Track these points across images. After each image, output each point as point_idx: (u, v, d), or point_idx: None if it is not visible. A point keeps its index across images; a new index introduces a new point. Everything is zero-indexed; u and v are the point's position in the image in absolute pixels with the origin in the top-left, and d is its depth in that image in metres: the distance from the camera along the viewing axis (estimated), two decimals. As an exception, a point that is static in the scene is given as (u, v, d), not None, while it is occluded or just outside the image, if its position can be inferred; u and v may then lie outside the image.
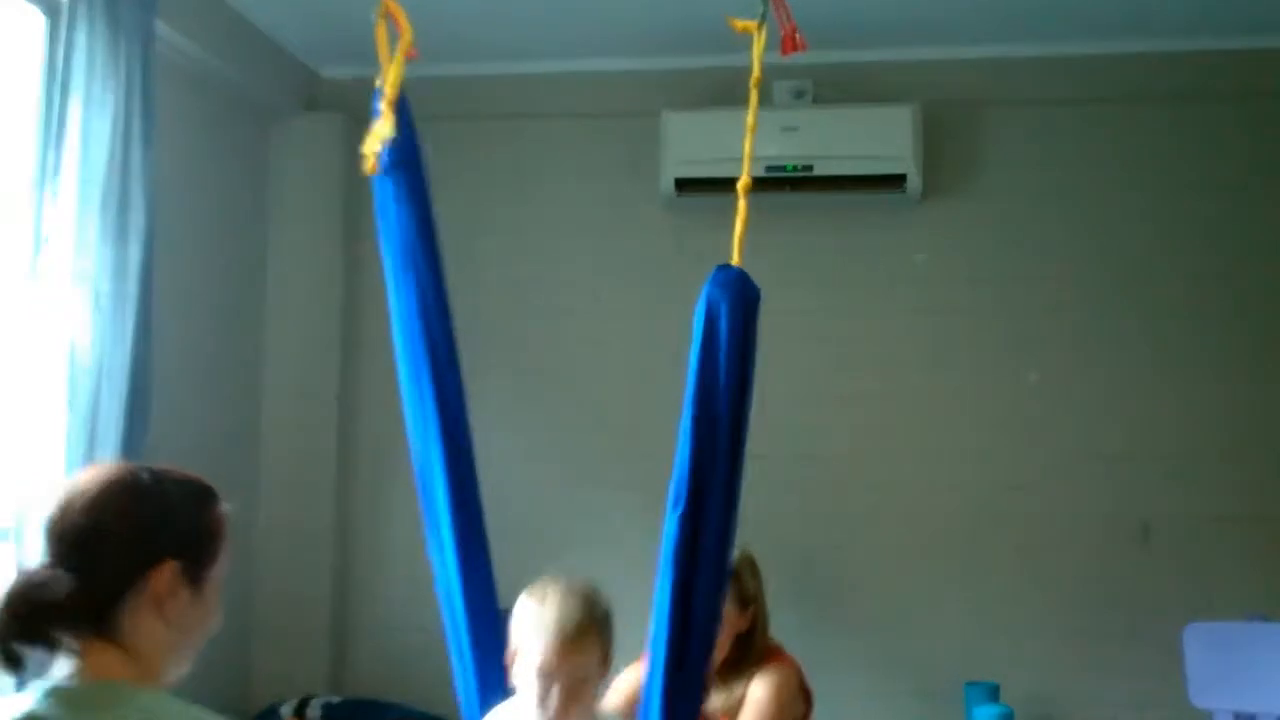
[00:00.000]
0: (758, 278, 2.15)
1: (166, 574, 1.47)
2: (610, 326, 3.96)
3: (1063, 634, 3.69)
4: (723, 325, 2.02)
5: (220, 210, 3.74)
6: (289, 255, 4.00)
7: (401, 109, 2.08)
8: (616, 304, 3.97)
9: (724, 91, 3.69)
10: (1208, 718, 2.96)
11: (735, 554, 2.64)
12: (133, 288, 2.80)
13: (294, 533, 3.90)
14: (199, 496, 1.58)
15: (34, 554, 1.49)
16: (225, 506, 1.60)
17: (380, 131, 2.01)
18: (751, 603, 2.75)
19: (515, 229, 3.98)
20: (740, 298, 2.03)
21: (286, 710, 3.60)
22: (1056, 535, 3.73)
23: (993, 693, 3.45)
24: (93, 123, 2.72)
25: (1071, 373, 3.79)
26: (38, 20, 2.87)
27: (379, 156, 2.07)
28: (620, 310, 3.96)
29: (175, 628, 1.49)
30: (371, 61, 2.15)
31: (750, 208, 2.14)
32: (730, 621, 2.65)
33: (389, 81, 2.01)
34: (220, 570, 1.57)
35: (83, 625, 1.42)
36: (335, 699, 3.67)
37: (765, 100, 3.76)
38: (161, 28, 3.04)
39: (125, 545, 1.47)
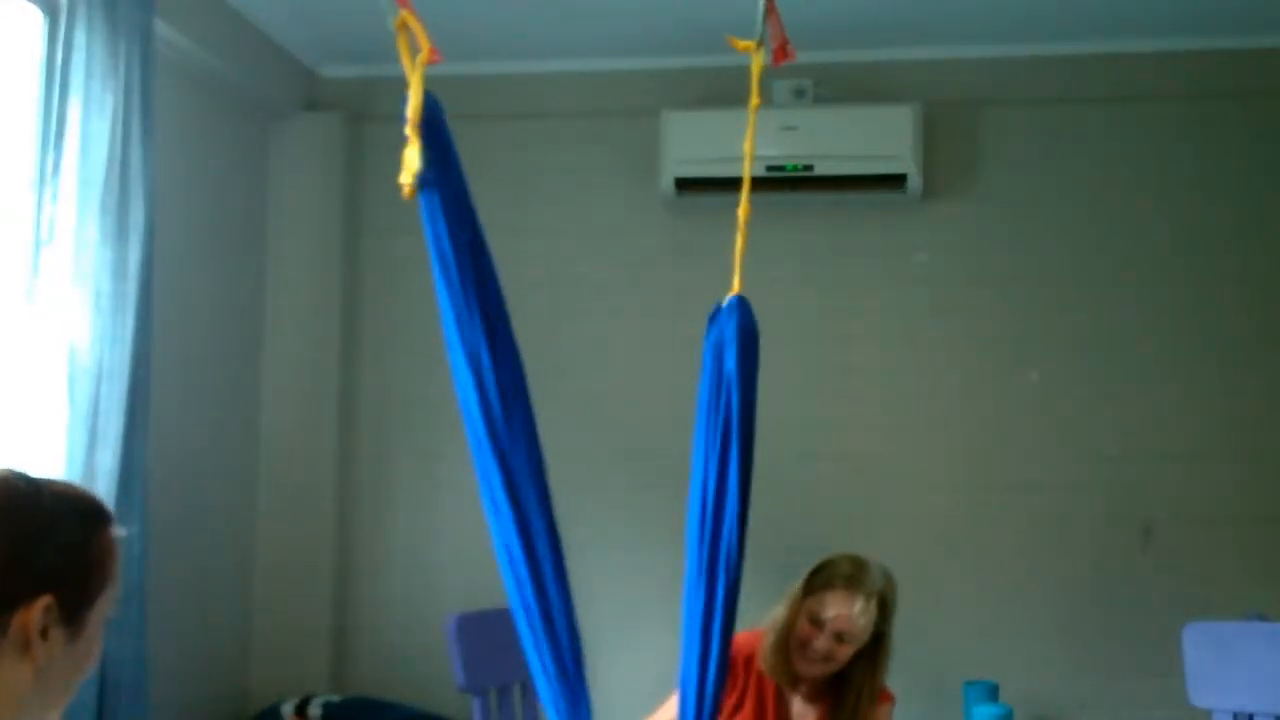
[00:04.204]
0: (757, 277, 2.15)
1: (37, 611, 1.20)
2: (610, 326, 3.96)
3: (1063, 634, 3.70)
4: (729, 361, 2.03)
5: (220, 210, 3.74)
6: (289, 255, 4.00)
7: (436, 119, 2.02)
8: (616, 304, 3.97)
9: (724, 91, 3.69)
10: (1207, 717, 2.95)
11: (883, 578, 2.60)
12: (133, 288, 2.80)
13: (294, 533, 3.90)
14: (85, 517, 1.30)
15: None
16: (117, 531, 1.33)
17: (409, 162, 1.98)
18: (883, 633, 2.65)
19: (515, 229, 3.97)
20: (747, 335, 2.05)
21: (288, 709, 3.60)
22: (1056, 535, 3.73)
23: (992, 692, 3.45)
24: (92, 123, 2.72)
25: (1071, 373, 3.79)
26: (36, 19, 2.87)
27: (415, 179, 2.00)
28: (620, 310, 3.96)
29: (43, 676, 1.22)
30: (371, 61, 2.15)
31: (750, 208, 2.15)
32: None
33: (410, 104, 1.98)
34: (104, 607, 1.30)
35: None
36: (336, 698, 3.67)
37: (765, 100, 3.77)
38: (161, 27, 3.04)
39: None
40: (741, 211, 2.15)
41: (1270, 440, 3.69)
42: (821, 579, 2.61)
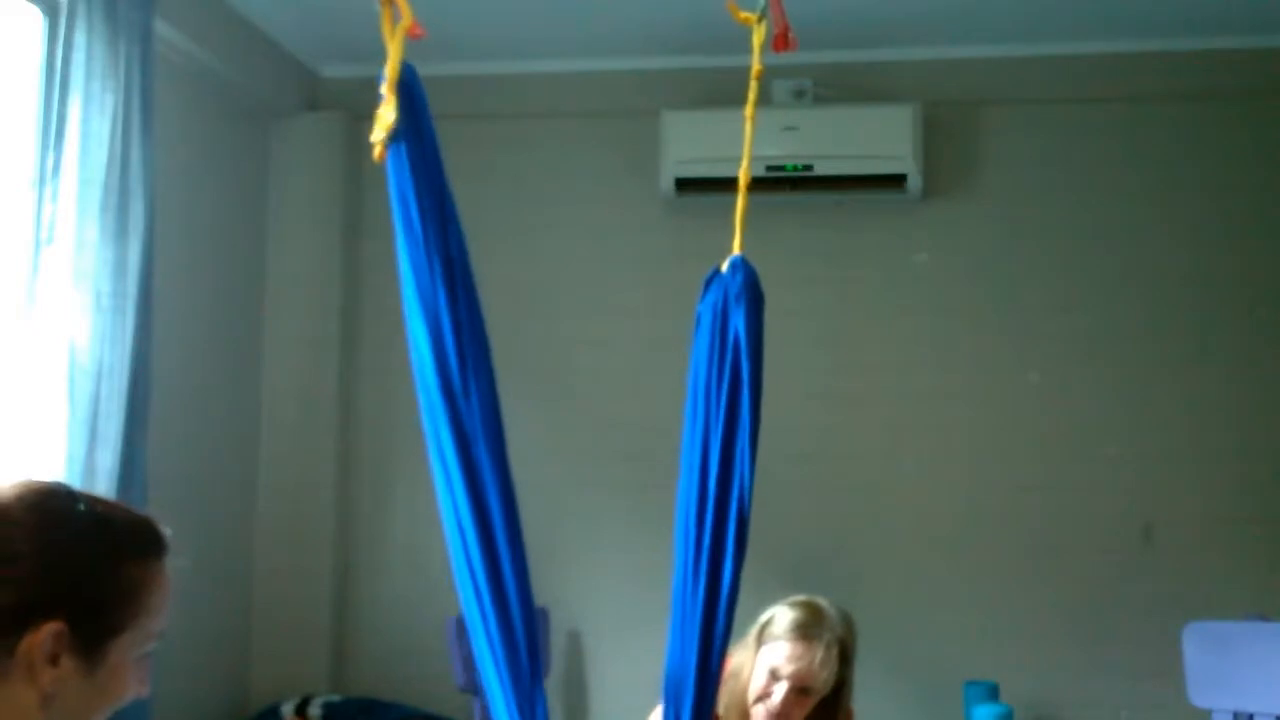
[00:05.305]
0: (757, 277, 2.15)
1: (44, 637, 1.14)
2: (610, 327, 3.96)
3: (1063, 634, 3.69)
4: (737, 319, 1.97)
5: (220, 210, 3.74)
6: (289, 255, 4.00)
7: (410, 83, 2.01)
8: (616, 304, 3.97)
9: (724, 91, 3.69)
10: (1207, 717, 2.96)
11: (840, 623, 2.47)
12: (133, 288, 2.80)
13: (294, 533, 3.90)
14: (122, 543, 1.23)
15: None
16: (165, 561, 1.26)
17: (384, 118, 1.98)
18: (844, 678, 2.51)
19: (515, 229, 3.98)
20: (755, 292, 1.99)
21: (288, 709, 3.60)
22: (1057, 535, 3.73)
23: (992, 692, 3.45)
24: (92, 122, 2.72)
25: (1072, 373, 3.79)
26: (36, 19, 2.87)
27: (388, 134, 1.98)
28: (620, 310, 3.96)
29: (52, 705, 1.16)
30: (371, 61, 2.15)
31: (750, 207, 2.15)
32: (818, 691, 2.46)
33: (388, 63, 1.99)
34: (136, 641, 1.22)
35: None
36: (336, 698, 3.67)
37: (765, 100, 3.77)
38: (161, 27, 3.04)
39: None
40: (742, 175, 2.13)
41: (1270, 440, 3.69)
42: (776, 629, 2.42)
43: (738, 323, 1.97)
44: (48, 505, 1.21)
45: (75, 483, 2.60)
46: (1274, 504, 3.65)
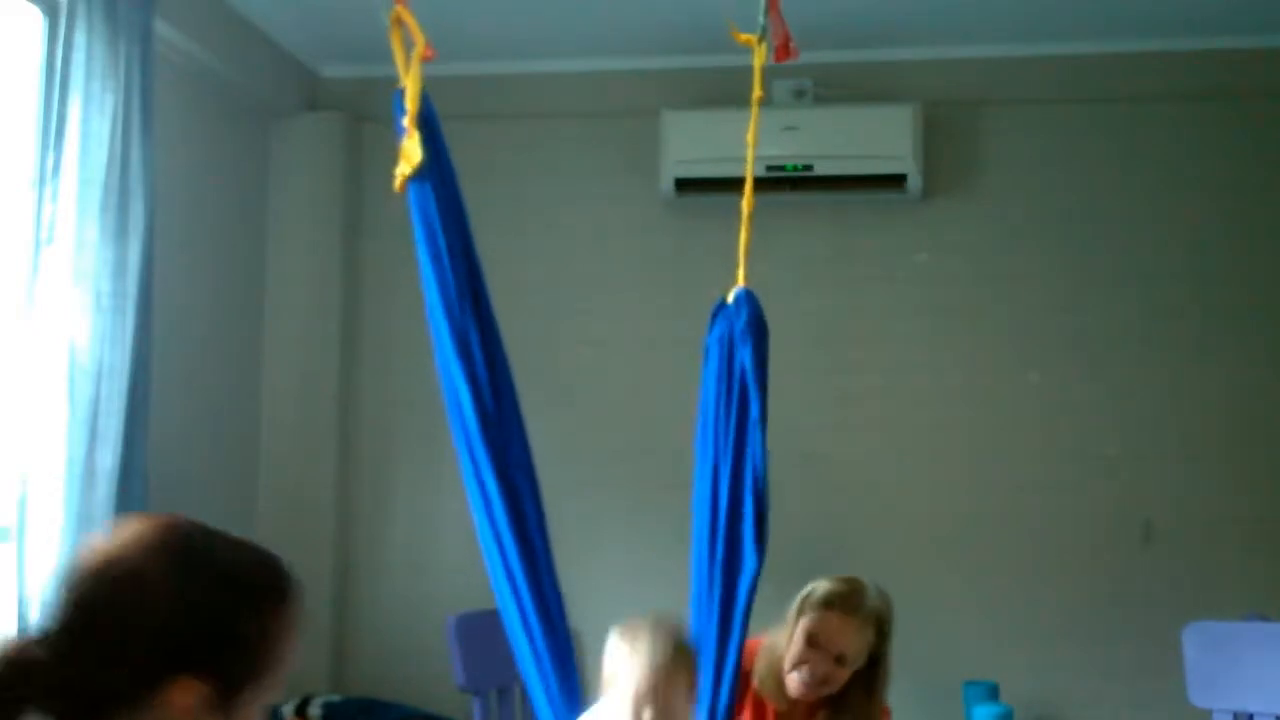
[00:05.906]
0: (758, 278, 2.15)
1: (183, 694, 1.10)
2: (610, 326, 3.96)
3: (1063, 634, 3.69)
4: (744, 354, 2.02)
5: (220, 210, 3.74)
6: (289, 255, 4.00)
7: (429, 116, 2.03)
8: (616, 304, 3.97)
9: (724, 91, 3.69)
10: (1207, 717, 2.95)
11: (878, 598, 2.53)
12: (133, 288, 2.80)
13: (294, 533, 3.89)
14: (258, 592, 1.19)
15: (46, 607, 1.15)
16: (297, 601, 1.23)
17: (409, 154, 1.99)
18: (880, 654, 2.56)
19: (514, 229, 3.98)
20: (759, 327, 2.04)
21: (287, 709, 3.60)
22: (1057, 535, 3.73)
23: (992, 692, 3.45)
24: (92, 122, 2.72)
25: (1071, 373, 3.79)
26: (36, 19, 2.87)
27: (408, 175, 2.00)
28: (620, 310, 3.96)
29: None
30: (372, 61, 2.15)
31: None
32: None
33: (409, 96, 1.98)
34: (270, 685, 1.18)
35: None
36: (336, 698, 3.67)
37: (765, 100, 3.77)
38: (161, 27, 3.04)
39: (135, 645, 1.10)
40: (745, 204, 2.15)
41: (1270, 440, 3.69)
42: (816, 601, 2.50)
43: (744, 358, 2.03)
44: (183, 549, 1.16)
45: (75, 483, 2.61)
46: (1274, 504, 3.65)
